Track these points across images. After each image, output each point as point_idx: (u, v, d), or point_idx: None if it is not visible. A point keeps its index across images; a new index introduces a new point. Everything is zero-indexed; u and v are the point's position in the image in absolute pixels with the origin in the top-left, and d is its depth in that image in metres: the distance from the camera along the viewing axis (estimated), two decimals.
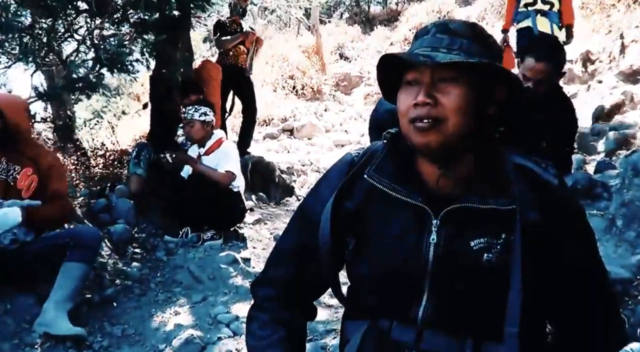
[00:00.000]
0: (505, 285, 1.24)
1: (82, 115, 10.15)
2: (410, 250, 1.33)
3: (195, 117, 5.00)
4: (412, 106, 1.28)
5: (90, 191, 5.26)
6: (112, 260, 4.20)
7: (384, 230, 1.37)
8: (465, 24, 1.35)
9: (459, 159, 1.33)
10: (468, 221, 1.30)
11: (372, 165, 1.41)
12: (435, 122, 1.26)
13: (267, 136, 10.25)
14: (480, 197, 1.30)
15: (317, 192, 1.53)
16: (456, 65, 1.26)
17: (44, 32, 5.29)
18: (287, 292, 1.53)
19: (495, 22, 13.48)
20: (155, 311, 3.77)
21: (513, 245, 1.25)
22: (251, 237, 5.17)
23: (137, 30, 5.71)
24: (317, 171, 8.14)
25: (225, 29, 7.07)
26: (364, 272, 1.41)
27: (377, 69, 1.38)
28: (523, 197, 1.28)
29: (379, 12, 21.17)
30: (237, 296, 3.91)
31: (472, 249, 1.28)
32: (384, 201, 1.38)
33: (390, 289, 1.36)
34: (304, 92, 12.74)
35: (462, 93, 1.27)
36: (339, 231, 1.41)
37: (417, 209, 1.34)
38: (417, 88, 1.29)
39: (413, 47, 1.36)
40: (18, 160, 3.49)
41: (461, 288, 1.29)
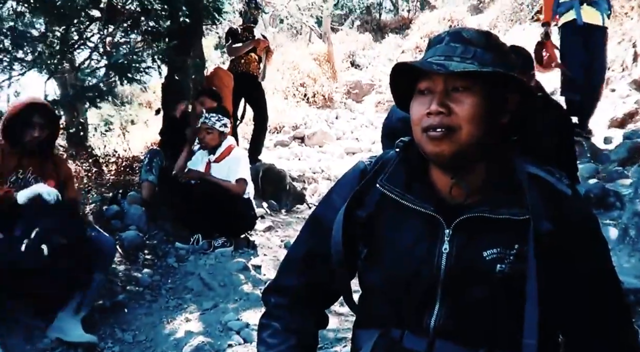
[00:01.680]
0: (518, 295, 1.23)
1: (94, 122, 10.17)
2: (423, 259, 1.32)
3: (216, 126, 5.02)
4: (425, 115, 1.28)
5: (102, 197, 5.29)
6: (124, 266, 4.21)
7: (396, 239, 1.36)
8: (479, 32, 1.35)
9: (472, 168, 1.33)
10: (481, 231, 1.29)
11: (385, 174, 1.41)
12: (448, 131, 1.26)
13: (278, 144, 10.26)
14: (493, 206, 1.29)
15: (329, 200, 1.53)
16: (470, 74, 1.26)
17: (57, 40, 5.33)
18: (298, 300, 1.53)
19: (507, 29, 13.46)
20: (166, 317, 3.78)
21: (527, 255, 1.24)
22: (262, 244, 5.16)
23: (148, 38, 5.75)
24: (328, 179, 8.13)
25: (237, 36, 7.09)
26: (375, 280, 1.41)
27: (390, 77, 1.38)
28: (536, 207, 1.27)
29: (391, 20, 21.19)
30: (248, 303, 3.91)
31: (485, 259, 1.28)
32: (396, 210, 1.37)
33: (402, 298, 1.35)
34: (315, 99, 12.75)
35: (476, 102, 1.26)
36: (351, 239, 1.41)
37: (429, 218, 1.33)
38: (430, 97, 1.29)
39: (426, 56, 1.35)
40: (42, 172, 3.50)
41: (473, 298, 1.28)
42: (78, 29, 5.73)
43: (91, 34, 6.20)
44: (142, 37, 5.93)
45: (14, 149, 3.42)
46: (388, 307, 1.38)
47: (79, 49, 6.19)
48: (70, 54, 5.70)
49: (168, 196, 5.21)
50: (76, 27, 5.65)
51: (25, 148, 3.44)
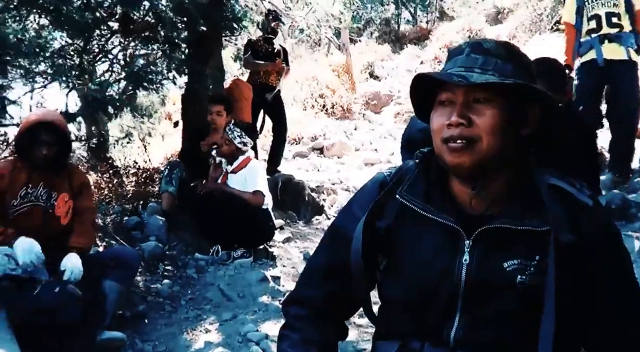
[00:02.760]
0: (539, 307, 1.22)
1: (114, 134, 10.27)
2: (443, 271, 1.32)
3: (235, 141, 5.07)
4: (446, 126, 1.28)
5: (123, 208, 5.34)
6: (144, 277, 4.24)
7: (416, 250, 1.36)
8: (500, 43, 1.35)
9: (492, 178, 1.32)
10: (501, 242, 1.29)
11: (404, 184, 1.41)
12: (469, 142, 1.26)
13: (297, 155, 10.26)
14: (513, 217, 1.29)
15: (349, 211, 1.53)
16: (491, 85, 1.25)
17: (77, 53, 5.39)
18: (318, 312, 1.52)
19: (526, 39, 13.41)
20: (186, 328, 3.79)
21: (547, 267, 1.23)
22: (281, 255, 5.17)
23: (165, 48, 5.80)
24: (346, 190, 8.12)
25: (256, 48, 7.13)
26: (395, 292, 1.40)
27: (411, 88, 1.38)
28: (557, 218, 1.26)
29: (409, 30, 21.18)
30: (267, 314, 3.91)
31: (505, 271, 1.27)
32: (415, 221, 1.37)
33: (421, 310, 1.34)
34: (333, 110, 12.75)
35: (496, 114, 1.26)
36: (371, 250, 1.41)
37: (449, 229, 1.33)
38: (451, 108, 1.29)
39: (447, 67, 1.35)
40: (55, 185, 3.51)
41: (493, 309, 1.27)
42: (98, 41, 5.80)
43: (111, 46, 6.28)
44: (159, 48, 5.98)
45: (25, 164, 3.44)
46: (408, 318, 1.38)
47: (99, 61, 6.26)
48: (90, 66, 5.76)
49: (188, 206, 5.24)
50: (96, 40, 5.72)
51: (36, 164, 3.45)
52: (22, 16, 5.22)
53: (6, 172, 3.38)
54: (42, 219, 3.43)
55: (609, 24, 5.45)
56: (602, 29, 5.45)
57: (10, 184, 3.36)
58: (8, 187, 3.35)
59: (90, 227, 3.70)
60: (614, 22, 5.44)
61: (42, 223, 3.42)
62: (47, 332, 3.14)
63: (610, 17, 5.44)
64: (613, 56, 5.41)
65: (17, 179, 3.39)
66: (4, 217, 3.34)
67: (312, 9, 8.92)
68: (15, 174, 3.39)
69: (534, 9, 14.05)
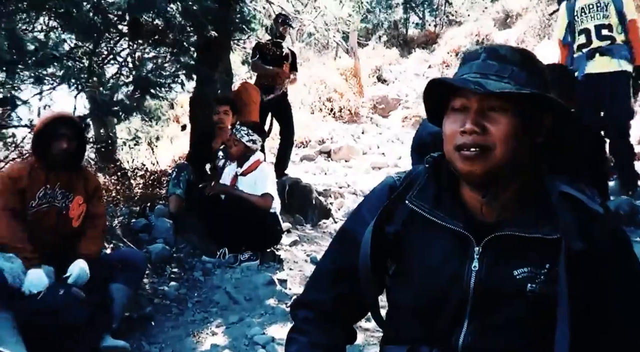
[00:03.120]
0: (548, 316, 1.22)
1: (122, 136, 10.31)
2: (452, 277, 1.31)
3: (243, 139, 5.06)
4: (459, 133, 1.27)
5: (130, 210, 5.35)
6: (151, 279, 4.25)
7: (425, 256, 1.36)
8: (516, 49, 1.33)
9: (504, 186, 1.31)
10: (511, 249, 1.28)
11: (414, 190, 1.41)
12: (483, 150, 1.25)
13: (304, 158, 10.28)
14: (524, 225, 1.28)
15: (359, 215, 1.53)
16: (506, 94, 1.24)
17: (86, 56, 5.41)
18: (326, 315, 1.52)
19: (535, 44, 13.38)
20: (192, 330, 3.79)
21: (558, 275, 1.22)
22: (288, 259, 5.16)
23: (174, 52, 5.82)
24: (354, 194, 8.12)
25: (264, 51, 7.13)
26: (404, 297, 1.40)
27: (425, 92, 1.37)
28: (568, 226, 1.25)
29: (417, 34, 21.20)
30: (274, 317, 3.91)
31: (515, 278, 1.26)
32: (425, 226, 1.37)
33: (430, 316, 1.34)
34: (341, 114, 12.77)
35: (511, 122, 1.25)
36: (380, 255, 1.40)
37: (459, 236, 1.32)
38: (465, 114, 1.28)
39: (461, 72, 1.34)
40: (71, 187, 3.53)
41: (503, 317, 1.27)
42: (107, 44, 5.82)
43: (120, 49, 6.29)
44: (168, 51, 6.00)
45: (42, 164, 3.46)
46: (416, 324, 1.37)
47: (108, 64, 6.28)
48: (99, 69, 5.78)
49: (195, 209, 5.25)
50: (105, 42, 5.74)
51: (55, 161, 3.47)
52: (32, 19, 5.25)
53: (25, 173, 3.41)
54: (56, 219, 3.46)
55: (599, 37, 5.33)
56: (592, 43, 5.35)
57: (29, 185, 3.39)
58: (27, 187, 3.38)
59: (101, 234, 3.76)
60: (604, 35, 5.32)
61: (56, 223, 3.45)
62: (51, 333, 3.16)
63: (600, 29, 5.32)
64: (603, 69, 5.29)
65: (35, 180, 3.42)
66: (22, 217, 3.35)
67: (320, 13, 8.91)
68: (34, 175, 3.42)
69: (542, 13, 14.02)
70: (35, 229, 3.37)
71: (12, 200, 3.33)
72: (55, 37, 5.04)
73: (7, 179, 3.37)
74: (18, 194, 3.35)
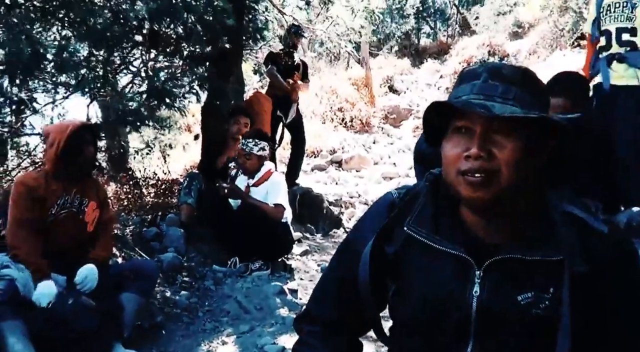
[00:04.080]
0: (553, 336, 1.19)
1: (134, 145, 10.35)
2: (451, 301, 1.28)
3: (254, 151, 5.06)
4: (464, 158, 1.23)
5: (142, 219, 5.37)
6: (162, 288, 4.25)
7: (425, 279, 1.32)
8: (517, 69, 1.29)
9: (505, 209, 1.27)
10: (513, 273, 1.25)
11: (413, 214, 1.37)
12: (488, 176, 1.21)
13: (315, 168, 10.28)
14: (526, 247, 1.25)
15: (359, 230, 1.51)
16: (513, 118, 1.20)
17: (100, 65, 5.45)
18: (331, 328, 1.51)
19: (547, 55, 13.36)
20: (203, 339, 3.79)
21: (562, 298, 1.19)
22: (298, 268, 5.16)
23: (188, 62, 5.85)
24: (365, 204, 8.12)
25: (277, 60, 7.15)
26: (405, 318, 1.38)
27: (425, 114, 1.33)
28: (571, 247, 1.22)
29: (429, 45, 21.23)
30: (284, 327, 3.90)
31: (519, 304, 1.23)
32: (424, 250, 1.33)
33: (434, 338, 1.31)
34: (352, 124, 12.78)
35: (518, 146, 1.21)
36: (379, 275, 1.38)
37: (459, 259, 1.29)
38: (468, 137, 1.24)
39: (462, 91, 1.28)
40: (86, 193, 3.56)
41: (507, 341, 1.24)
42: (121, 53, 5.86)
43: (133, 58, 6.33)
44: (182, 62, 6.03)
45: (64, 172, 3.48)
46: (420, 343, 1.35)
47: (121, 73, 6.32)
48: (112, 78, 5.81)
49: (207, 218, 5.26)
50: (119, 52, 5.78)
51: (82, 168, 3.53)
52: (46, 28, 5.30)
53: (42, 181, 3.43)
54: (73, 225, 3.49)
55: (619, 42, 4.67)
56: (611, 48, 4.71)
57: (47, 193, 3.41)
58: (46, 196, 3.40)
59: (111, 239, 3.82)
60: (624, 40, 4.65)
61: (73, 229, 3.48)
62: (61, 342, 3.16)
63: (621, 33, 4.67)
64: (618, 82, 4.63)
65: (53, 188, 3.44)
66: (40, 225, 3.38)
67: (333, 23, 8.95)
68: (51, 183, 3.44)
69: (555, 24, 14.00)
70: (53, 235, 3.40)
71: (27, 210, 3.34)
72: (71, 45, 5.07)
73: (22, 188, 3.38)
74: (34, 202, 3.37)
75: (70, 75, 5.39)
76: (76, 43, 5.30)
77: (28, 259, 3.22)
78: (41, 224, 3.37)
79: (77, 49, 5.22)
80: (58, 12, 5.03)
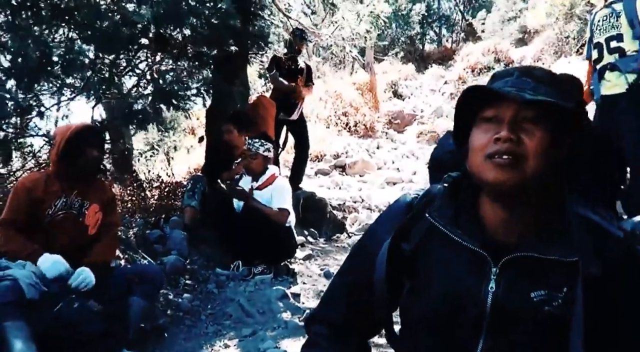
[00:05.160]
0: (565, 337, 1.20)
1: (138, 147, 10.38)
2: (468, 296, 1.30)
3: (260, 151, 5.09)
4: (493, 141, 1.26)
5: (145, 221, 5.37)
6: (165, 290, 4.24)
7: (441, 274, 1.34)
8: (547, 71, 1.34)
9: (525, 204, 1.29)
10: (529, 271, 1.27)
11: (433, 206, 1.39)
12: (516, 160, 1.23)
13: (319, 172, 10.29)
14: (542, 246, 1.26)
15: (374, 232, 1.52)
16: (540, 107, 1.24)
17: (105, 67, 5.47)
18: (340, 330, 1.51)
19: (552, 61, 13.36)
20: (205, 343, 3.78)
21: (575, 300, 1.21)
22: (301, 272, 5.16)
23: (194, 65, 5.86)
24: (368, 208, 8.11)
25: (281, 65, 7.16)
26: (419, 315, 1.38)
27: (458, 102, 1.35)
28: (586, 249, 1.24)
29: (434, 50, 21.26)
30: (287, 331, 3.89)
31: (532, 301, 1.25)
32: (442, 244, 1.35)
33: (445, 334, 1.32)
34: (356, 129, 12.79)
35: (544, 136, 1.25)
36: (395, 273, 1.39)
37: (476, 255, 1.31)
38: (496, 124, 1.27)
39: (495, 85, 1.33)
40: (87, 195, 3.54)
41: (519, 338, 1.25)
42: (126, 56, 5.88)
43: (139, 61, 6.36)
44: (188, 64, 6.05)
45: (65, 173, 3.48)
46: (431, 342, 1.36)
47: (126, 75, 6.34)
48: (118, 80, 5.83)
49: (210, 221, 5.27)
50: (124, 54, 5.80)
51: (84, 170, 3.51)
52: (52, 30, 5.31)
53: (41, 182, 3.43)
54: (72, 227, 3.47)
55: (609, 51, 4.60)
56: (603, 58, 4.64)
57: (45, 194, 3.41)
58: (44, 196, 3.40)
59: (116, 241, 3.81)
60: (612, 47, 4.59)
61: (72, 230, 3.46)
62: (67, 345, 3.16)
63: (609, 42, 4.62)
64: (611, 91, 4.56)
65: (52, 189, 3.43)
66: (37, 225, 3.38)
67: (338, 27, 8.96)
68: (50, 185, 3.44)
69: (560, 31, 14.01)
70: (51, 236, 3.38)
71: (24, 213, 3.35)
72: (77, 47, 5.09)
73: (21, 191, 3.38)
74: (32, 204, 3.37)
75: (76, 77, 5.41)
76: (82, 45, 5.32)
77: (19, 253, 3.23)
78: (37, 225, 3.37)
79: (83, 51, 5.25)
80: (64, 14, 5.04)
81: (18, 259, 3.23)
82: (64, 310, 3.13)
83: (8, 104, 4.84)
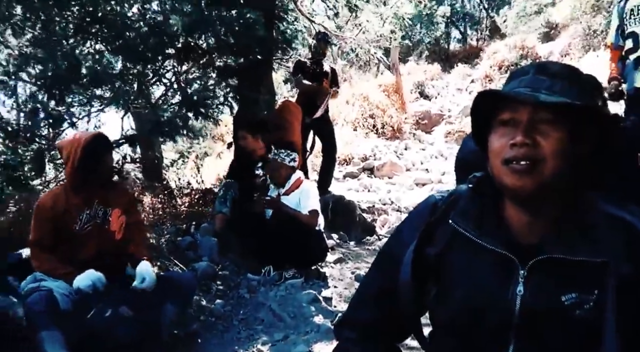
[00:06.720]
0: (597, 340, 1.18)
1: (168, 156, 10.49)
2: (495, 300, 1.28)
3: (285, 161, 5.12)
4: (509, 146, 1.24)
5: (177, 228, 5.43)
6: (197, 296, 4.28)
7: (467, 278, 1.32)
8: (564, 66, 1.31)
9: (549, 205, 1.27)
10: (557, 273, 1.24)
11: (457, 209, 1.38)
12: (534, 164, 1.22)
13: (347, 175, 10.27)
14: (569, 247, 1.24)
15: (400, 236, 1.51)
16: (557, 107, 1.21)
17: (133, 78, 5.54)
18: (369, 335, 1.51)
19: (580, 56, 13.18)
20: (238, 348, 3.81)
21: (607, 301, 1.18)
22: (332, 276, 5.16)
23: (221, 74, 5.91)
24: (397, 210, 8.09)
25: (305, 69, 7.18)
26: (446, 320, 1.37)
27: (473, 106, 1.35)
28: (615, 249, 1.21)
29: (459, 49, 21.10)
30: (319, 335, 3.90)
31: (563, 304, 1.22)
32: (467, 248, 1.33)
33: (474, 339, 1.31)
34: (384, 130, 12.74)
35: (562, 136, 1.22)
36: (420, 277, 1.38)
37: (502, 258, 1.29)
38: (514, 128, 1.25)
39: (509, 86, 1.31)
40: (107, 201, 3.59)
41: (550, 341, 1.23)
42: (154, 66, 5.95)
43: (166, 70, 6.42)
44: (215, 73, 6.10)
45: (83, 183, 3.52)
46: (460, 346, 1.34)
47: (154, 85, 6.42)
48: (146, 90, 5.90)
49: (241, 227, 5.30)
50: (152, 65, 5.87)
51: (101, 178, 3.56)
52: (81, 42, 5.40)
53: (61, 198, 3.47)
54: (99, 236, 3.52)
55: None
56: (638, 49, 4.57)
57: (68, 209, 3.45)
58: (67, 210, 3.44)
59: (146, 238, 3.91)
60: None
61: (100, 239, 3.51)
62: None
63: None
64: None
65: (73, 202, 3.47)
66: (66, 241, 3.44)
67: (362, 30, 8.96)
68: (71, 199, 3.48)
69: (587, 24, 13.81)
70: (80, 248, 3.44)
71: (50, 231, 3.41)
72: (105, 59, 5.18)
73: (43, 209, 3.43)
74: (57, 220, 3.42)
75: (105, 88, 5.48)
76: (110, 56, 5.40)
77: (55, 274, 3.30)
78: (65, 240, 3.43)
79: (111, 63, 5.33)
80: (93, 26, 5.12)
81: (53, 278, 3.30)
82: (96, 318, 3.18)
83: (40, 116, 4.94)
